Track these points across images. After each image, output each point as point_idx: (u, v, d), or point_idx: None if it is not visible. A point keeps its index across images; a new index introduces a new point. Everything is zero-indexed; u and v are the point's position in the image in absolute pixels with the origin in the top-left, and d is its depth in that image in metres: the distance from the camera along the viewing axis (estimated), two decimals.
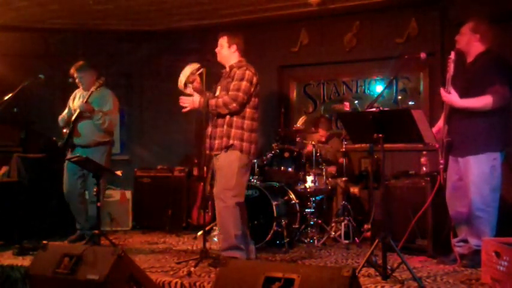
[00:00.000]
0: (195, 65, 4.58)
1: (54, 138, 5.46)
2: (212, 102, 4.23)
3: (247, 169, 4.34)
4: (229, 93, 4.20)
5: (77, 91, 5.49)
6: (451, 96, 3.96)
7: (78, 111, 5.19)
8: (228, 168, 4.22)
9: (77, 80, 5.38)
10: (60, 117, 5.43)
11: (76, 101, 5.39)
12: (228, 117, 4.24)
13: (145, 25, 7.08)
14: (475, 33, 4.07)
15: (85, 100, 5.14)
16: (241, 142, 4.23)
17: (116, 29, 7.15)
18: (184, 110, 4.39)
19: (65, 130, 5.32)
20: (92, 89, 5.17)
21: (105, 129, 5.32)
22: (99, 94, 5.30)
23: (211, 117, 4.36)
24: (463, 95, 3.95)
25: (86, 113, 5.18)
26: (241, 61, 4.39)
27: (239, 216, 4.22)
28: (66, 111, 5.44)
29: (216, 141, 4.28)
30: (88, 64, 5.41)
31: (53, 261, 3.20)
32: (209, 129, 4.35)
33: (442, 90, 4.02)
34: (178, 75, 4.60)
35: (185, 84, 4.58)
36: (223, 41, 4.41)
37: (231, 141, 4.21)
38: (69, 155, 5.25)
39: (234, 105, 4.18)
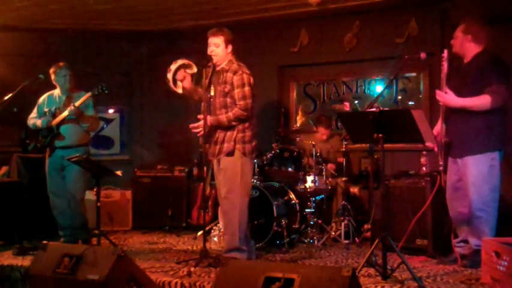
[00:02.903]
0: (184, 61, 4.52)
1: (27, 141, 5.37)
2: (223, 119, 4.22)
3: (250, 168, 4.35)
4: (238, 103, 4.19)
5: (48, 94, 5.31)
6: (448, 96, 3.96)
7: (64, 115, 5.03)
8: (232, 169, 4.23)
9: (62, 79, 5.17)
10: (31, 122, 5.26)
11: (54, 104, 5.21)
12: None
13: (145, 25, 7.07)
14: (466, 34, 4.07)
15: (78, 105, 4.97)
16: (244, 145, 4.25)
17: (116, 29, 7.14)
18: (199, 134, 4.29)
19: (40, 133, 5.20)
20: (88, 94, 5.01)
21: (91, 131, 5.31)
22: (79, 98, 5.10)
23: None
24: (459, 95, 3.95)
25: (72, 116, 5.04)
26: (231, 61, 4.33)
27: (245, 216, 4.23)
28: (35, 115, 5.26)
29: (218, 146, 4.29)
30: (69, 66, 5.24)
31: (53, 261, 3.20)
32: (211, 134, 4.33)
33: (437, 92, 4.02)
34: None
35: (175, 82, 4.52)
36: (218, 40, 4.29)
37: (235, 146, 4.22)
38: (47, 156, 5.19)
39: (246, 114, 4.21)
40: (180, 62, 4.49)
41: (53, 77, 5.24)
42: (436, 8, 6.07)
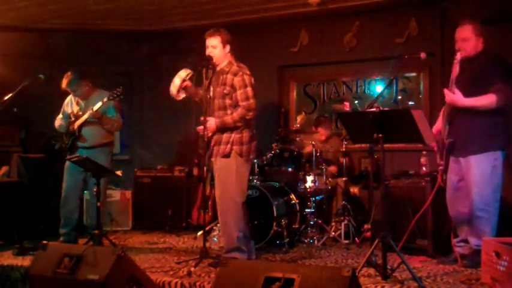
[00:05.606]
0: (187, 71, 4.54)
1: (53, 142, 5.44)
2: (229, 120, 4.21)
3: (247, 169, 4.33)
4: (241, 103, 4.19)
5: (71, 96, 5.39)
6: (456, 96, 3.95)
7: (84, 118, 5.12)
8: (226, 170, 4.22)
9: (72, 89, 5.25)
10: (57, 123, 5.36)
11: (74, 106, 5.30)
12: None
13: (145, 25, 7.07)
14: (479, 37, 4.04)
15: (96, 109, 5.04)
16: (241, 146, 4.24)
17: (116, 29, 7.14)
18: (209, 135, 4.27)
19: (64, 134, 5.29)
20: (103, 100, 5.03)
21: (113, 131, 5.40)
22: (99, 98, 5.16)
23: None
24: (464, 94, 3.95)
25: (92, 119, 5.13)
26: (231, 62, 4.32)
27: (241, 216, 4.22)
28: (61, 116, 5.38)
29: (216, 147, 4.29)
30: (77, 76, 5.23)
31: (53, 261, 3.20)
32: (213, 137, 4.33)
33: (446, 91, 4.01)
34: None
35: (177, 91, 4.54)
36: (215, 40, 4.27)
37: (231, 147, 4.21)
38: (68, 155, 5.23)
39: (251, 113, 4.21)
40: (177, 81, 4.48)
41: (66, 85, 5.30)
42: (436, 8, 6.08)
